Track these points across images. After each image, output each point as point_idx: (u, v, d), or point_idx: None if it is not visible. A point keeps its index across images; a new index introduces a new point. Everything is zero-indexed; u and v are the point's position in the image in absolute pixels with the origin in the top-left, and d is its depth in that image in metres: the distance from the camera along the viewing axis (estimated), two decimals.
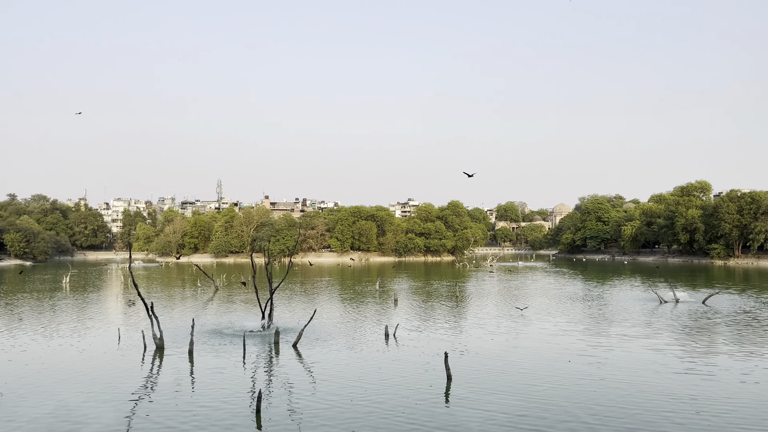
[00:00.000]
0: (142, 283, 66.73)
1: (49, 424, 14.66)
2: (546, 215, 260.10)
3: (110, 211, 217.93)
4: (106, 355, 23.89)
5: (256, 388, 18.12)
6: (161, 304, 41.98)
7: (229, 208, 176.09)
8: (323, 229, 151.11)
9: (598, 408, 15.88)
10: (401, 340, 26.45)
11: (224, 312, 38.58)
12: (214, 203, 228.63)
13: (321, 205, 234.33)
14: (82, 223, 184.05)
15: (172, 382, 19.24)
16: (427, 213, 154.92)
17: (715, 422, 14.62)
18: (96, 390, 18.03)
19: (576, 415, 15.29)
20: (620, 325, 31.28)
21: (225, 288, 58.69)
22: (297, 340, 25.32)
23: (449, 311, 38.47)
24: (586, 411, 15.61)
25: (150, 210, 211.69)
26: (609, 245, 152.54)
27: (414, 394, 17.31)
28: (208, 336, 27.65)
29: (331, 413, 15.53)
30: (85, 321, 34.49)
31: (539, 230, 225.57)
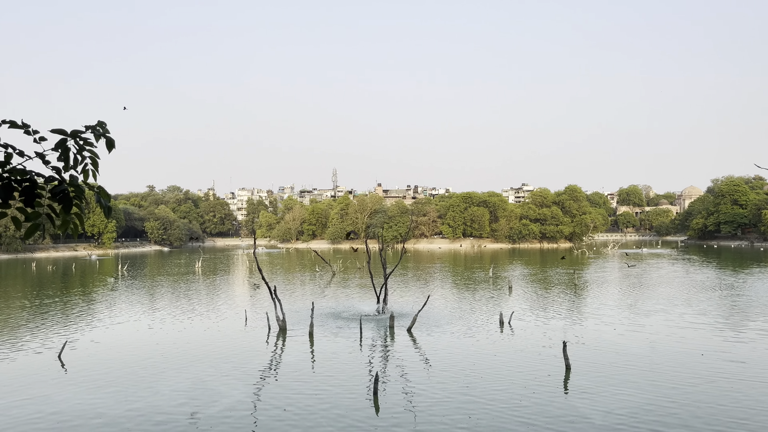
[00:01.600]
0: (265, 267, 70.70)
1: (188, 397, 16.02)
2: (673, 199, 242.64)
3: (235, 200, 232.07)
4: (235, 336, 25.64)
5: (372, 371, 18.63)
6: (283, 288, 44.23)
7: (344, 196, 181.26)
8: (435, 215, 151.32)
9: (734, 409, 14.69)
10: (516, 328, 25.99)
11: (341, 296, 39.94)
12: (330, 191, 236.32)
13: (432, 191, 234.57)
14: (211, 211, 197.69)
15: (295, 362, 20.27)
16: (542, 198, 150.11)
17: None
18: (227, 368, 19.42)
19: (708, 414, 14.26)
20: (760, 318, 28.64)
21: (341, 273, 60.67)
22: (411, 325, 25.68)
23: (566, 299, 37.19)
24: (721, 411, 14.50)
25: (271, 198, 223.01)
26: (747, 230, 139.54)
27: (531, 383, 16.98)
28: (327, 319, 28.79)
29: (447, 399, 15.63)
30: (216, 303, 37.20)
31: (666, 215, 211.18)
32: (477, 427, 13.36)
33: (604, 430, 13.10)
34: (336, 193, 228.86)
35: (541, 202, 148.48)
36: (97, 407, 15.07)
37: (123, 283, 51.42)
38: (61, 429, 13.49)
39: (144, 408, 15.00)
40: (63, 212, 3.33)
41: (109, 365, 19.82)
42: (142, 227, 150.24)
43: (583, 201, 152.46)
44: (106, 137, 3.49)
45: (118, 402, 15.53)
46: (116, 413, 14.58)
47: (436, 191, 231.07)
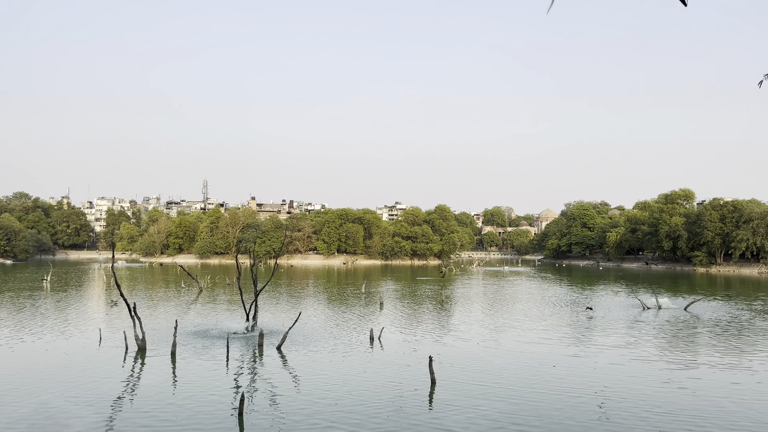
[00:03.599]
0: (125, 283, 66.08)
1: (30, 425, 14.43)
2: (532, 221, 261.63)
3: (94, 209, 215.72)
4: (87, 356, 23.59)
5: (239, 390, 17.98)
6: (144, 305, 41.57)
7: (215, 209, 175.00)
8: (310, 231, 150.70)
9: (580, 413, 15.95)
10: (386, 344, 26.41)
11: (208, 313, 38.29)
12: (200, 203, 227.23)
13: (308, 207, 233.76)
14: (64, 221, 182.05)
15: (154, 384, 19.03)
16: (414, 216, 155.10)
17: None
18: (77, 391, 17.79)
19: (559, 420, 15.35)
20: (603, 331, 31.49)
21: (209, 289, 58.27)
22: (281, 343, 25.18)
23: (433, 315, 38.50)
24: (567, 415, 15.67)
25: (134, 209, 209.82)
26: (594, 251, 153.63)
27: (398, 398, 17.28)
28: (192, 337, 27.41)
29: (314, 416, 15.44)
30: (66, 321, 34.05)
31: (525, 235, 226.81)
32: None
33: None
34: (206, 205, 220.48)
35: (412, 221, 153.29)
36: None
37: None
38: None
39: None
40: None
41: None
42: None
43: (451, 220, 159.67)
44: None
45: None
46: None
47: (312, 207, 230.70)
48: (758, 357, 24.33)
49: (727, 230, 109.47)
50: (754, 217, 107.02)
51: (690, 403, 17.00)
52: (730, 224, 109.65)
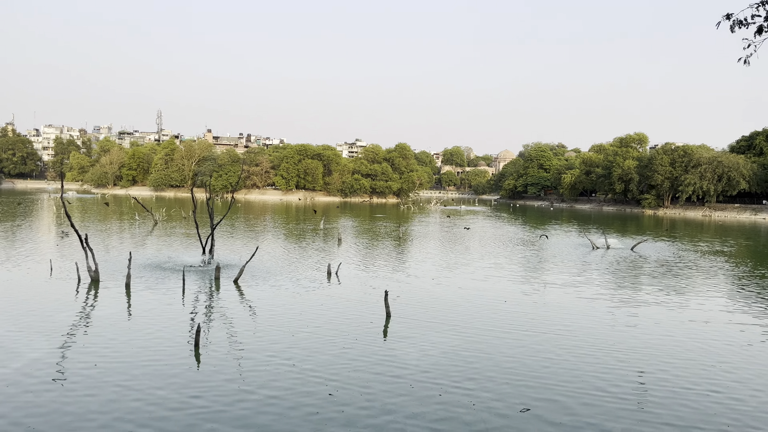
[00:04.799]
0: (76, 215, 64.40)
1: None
2: (490, 161, 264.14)
3: (41, 137, 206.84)
4: (38, 287, 23.18)
5: (195, 322, 18.07)
6: (97, 237, 40.75)
7: (170, 141, 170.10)
8: (268, 166, 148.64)
9: (524, 347, 16.69)
10: (343, 279, 26.77)
11: (163, 246, 37.87)
12: (154, 134, 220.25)
13: (266, 141, 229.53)
14: (9, 149, 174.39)
15: (108, 315, 18.91)
16: (374, 154, 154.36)
17: (631, 365, 15.67)
18: (28, 321, 17.55)
19: (508, 354, 16.05)
20: (554, 269, 32.63)
21: (164, 222, 57.40)
22: (238, 276, 25.22)
23: (391, 252, 39.06)
24: (515, 350, 16.39)
25: (84, 139, 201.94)
26: (549, 192, 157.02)
27: (354, 330, 17.69)
28: (147, 270, 27.17)
29: (272, 347, 15.71)
30: (15, 252, 33.18)
31: (483, 176, 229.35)
32: (301, 373, 13.64)
33: (419, 370, 14.12)
34: (161, 137, 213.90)
35: (372, 158, 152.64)
36: None
37: None
38: None
39: None
40: None
41: None
42: None
43: (411, 159, 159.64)
44: None
45: None
46: None
47: (270, 141, 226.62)
48: (703, 295, 25.70)
49: (677, 174, 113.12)
50: (702, 162, 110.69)
51: (636, 339, 17.96)
52: (680, 168, 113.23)
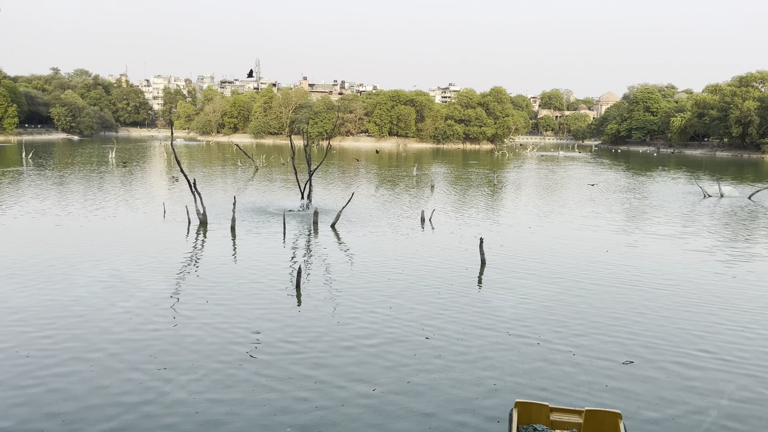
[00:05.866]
0: (184, 160, 68.19)
1: (105, 288, 15.66)
2: (592, 104, 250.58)
3: (151, 88, 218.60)
4: (153, 228, 24.98)
5: (295, 264, 18.82)
6: (203, 182, 43.07)
7: (268, 89, 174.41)
8: (361, 113, 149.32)
9: (626, 301, 16.06)
10: (437, 225, 26.78)
11: (264, 191, 39.45)
12: (253, 83, 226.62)
13: (360, 88, 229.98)
14: (124, 99, 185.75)
15: (216, 256, 20.12)
16: (468, 99, 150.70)
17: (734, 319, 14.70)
18: (145, 260, 19.03)
19: (606, 304, 15.53)
20: (660, 218, 30.90)
21: (264, 168, 59.61)
22: (335, 221, 25.89)
23: (485, 199, 38.50)
24: (616, 301, 15.82)
25: (190, 88, 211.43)
26: (655, 137, 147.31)
27: (449, 276, 17.75)
28: (249, 214, 28.49)
29: (368, 290, 16.12)
30: (132, 196, 35.83)
31: (583, 120, 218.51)
32: (398, 316, 13.93)
33: (513, 318, 14.02)
34: (259, 85, 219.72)
35: (466, 103, 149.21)
36: (7, 299, 14.49)
37: (29, 172, 48.28)
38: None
39: (60, 299, 14.56)
40: None
41: (18, 257, 18.92)
42: (47, 113, 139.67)
43: (507, 103, 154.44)
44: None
45: (29, 293, 14.99)
46: (29, 303, 14.09)
47: (364, 88, 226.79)
48: None
49: None
50: None
51: (747, 296, 16.81)
52: None
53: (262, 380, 10.36)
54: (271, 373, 10.68)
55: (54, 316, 13.39)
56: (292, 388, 10.06)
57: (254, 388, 10.06)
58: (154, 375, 10.45)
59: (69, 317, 13.37)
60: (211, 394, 9.78)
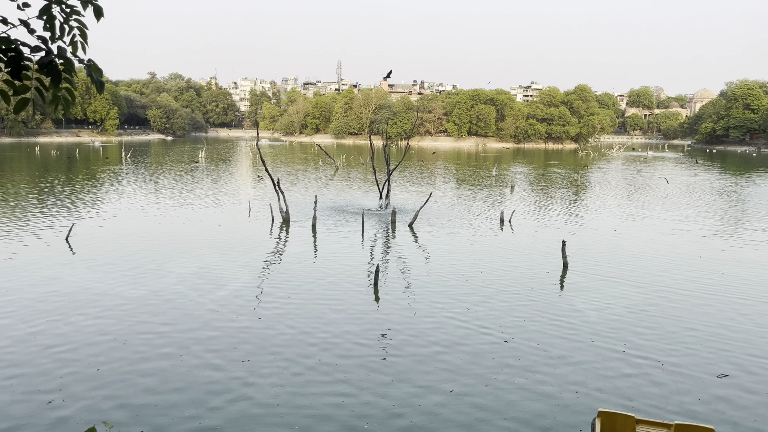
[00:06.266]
0: (268, 160, 70.51)
1: (198, 277, 16.46)
2: (684, 102, 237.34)
3: (238, 90, 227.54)
4: (239, 225, 26.00)
5: (373, 263, 19.03)
6: (286, 181, 44.35)
7: (349, 90, 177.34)
8: (440, 112, 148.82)
9: (719, 310, 15.10)
10: (516, 227, 26.26)
11: (344, 191, 40.12)
12: (334, 84, 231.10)
13: (439, 87, 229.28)
14: (213, 101, 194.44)
15: (298, 253, 20.68)
16: (550, 97, 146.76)
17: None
18: (232, 255, 19.84)
19: (697, 313, 14.68)
20: (760, 224, 28.85)
21: (344, 168, 60.61)
22: (413, 221, 25.95)
23: (568, 200, 37.35)
24: (708, 310, 14.92)
25: (274, 90, 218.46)
26: (756, 136, 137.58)
27: (529, 279, 17.37)
28: (329, 212, 29.07)
29: (445, 290, 16.05)
30: (220, 193, 37.45)
31: (675, 118, 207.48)
32: (475, 318, 13.79)
33: (597, 324, 13.53)
34: (340, 86, 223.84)
35: (549, 102, 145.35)
36: (108, 290, 15.53)
37: (127, 170, 51.54)
38: (74, 308, 13.95)
39: (155, 288, 15.45)
40: (52, 86, 3.15)
41: (115, 250, 20.24)
42: (144, 115, 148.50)
43: (592, 101, 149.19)
44: (94, 5, 3.23)
45: (127, 284, 15.99)
46: (127, 294, 15.04)
47: (443, 87, 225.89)
48: None
49: None
50: None
51: None
52: None
53: (340, 376, 10.54)
54: (348, 372, 10.84)
55: (149, 306, 14.20)
56: (370, 386, 10.17)
57: (332, 384, 10.26)
58: (237, 366, 10.87)
59: (162, 308, 14.15)
60: (292, 388, 10.06)
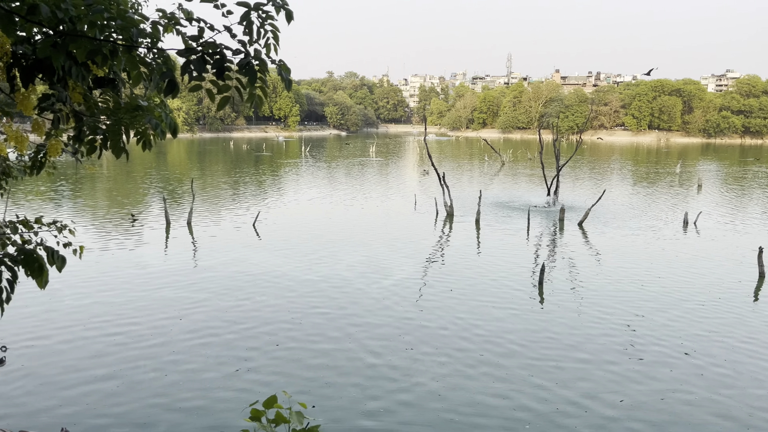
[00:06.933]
0: (434, 155, 71.54)
1: (363, 269, 17.25)
2: None
3: (408, 86, 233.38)
4: (405, 218, 26.73)
5: (539, 260, 18.45)
6: (451, 175, 44.63)
7: (518, 83, 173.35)
8: (617, 105, 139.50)
9: None
10: (703, 230, 23.80)
11: (509, 186, 39.39)
12: (503, 78, 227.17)
13: (617, 78, 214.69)
14: (384, 98, 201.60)
15: (461, 247, 20.73)
16: (750, 87, 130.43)
17: None
18: (397, 246, 20.47)
19: None
20: None
21: (511, 163, 59.44)
22: (583, 219, 24.70)
23: (766, 202, 33.00)
24: None
25: (443, 85, 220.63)
26: None
27: (716, 288, 15.67)
28: (494, 208, 28.73)
29: (617, 295, 15.06)
30: (387, 186, 38.84)
31: None
32: (650, 327, 12.77)
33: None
34: (509, 80, 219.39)
35: (747, 92, 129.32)
36: (287, 272, 16.89)
37: (306, 163, 55.51)
38: (256, 288, 15.38)
39: (327, 274, 16.49)
40: (249, 85, 3.49)
41: (294, 236, 21.92)
42: (321, 112, 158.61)
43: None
44: (286, 9, 3.52)
45: (302, 268, 17.24)
46: (303, 277, 16.23)
47: (621, 78, 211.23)
48: None
49: None
50: None
51: None
52: None
53: (501, 374, 10.38)
54: (509, 371, 10.65)
55: (321, 291, 15.18)
56: (531, 388, 9.90)
57: (494, 381, 10.14)
58: (400, 355, 11.19)
59: (333, 294, 15.04)
60: (452, 380, 10.13)
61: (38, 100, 3.84)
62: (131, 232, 21.96)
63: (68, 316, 12.67)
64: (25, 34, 3.64)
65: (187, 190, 30.55)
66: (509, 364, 10.83)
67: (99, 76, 3.93)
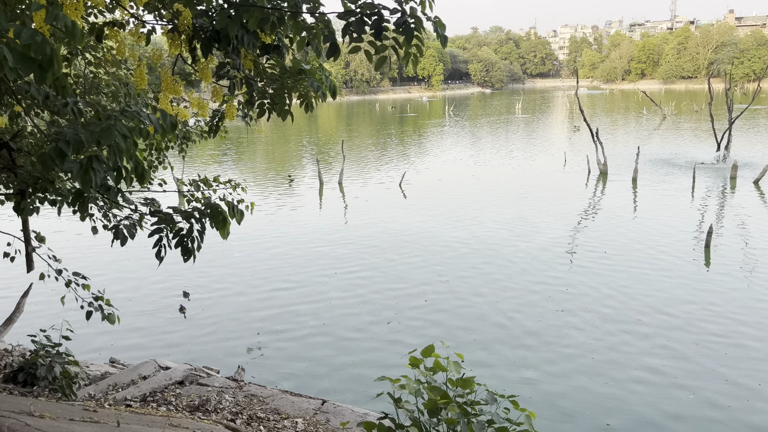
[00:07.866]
0: (586, 109, 67.56)
1: (511, 228, 16.97)
2: None
3: (557, 38, 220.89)
4: (554, 177, 25.73)
5: (705, 222, 16.93)
6: (605, 131, 41.97)
7: (684, 28, 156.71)
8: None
9: None
10: None
11: (671, 142, 36.22)
12: (666, 23, 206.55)
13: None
14: (531, 51, 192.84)
15: (615, 207, 19.59)
16: None
17: None
18: (546, 206, 19.84)
19: None
20: None
21: (673, 116, 54.46)
22: (760, 177, 22.13)
23: None
24: None
25: (596, 35, 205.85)
26: None
27: None
28: (653, 165, 26.68)
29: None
30: (535, 144, 37.54)
31: None
32: None
33: None
34: (674, 24, 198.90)
35: None
36: (434, 231, 17.14)
37: (450, 123, 55.22)
38: (405, 245, 15.79)
39: (474, 234, 16.49)
40: (405, 43, 3.54)
41: (439, 196, 22.10)
42: (465, 69, 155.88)
43: None
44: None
45: (448, 227, 17.39)
46: (448, 237, 16.39)
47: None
48: None
49: None
50: None
51: None
52: None
53: (661, 341, 9.80)
54: (672, 340, 10.00)
55: (469, 249, 15.22)
56: (702, 359, 9.24)
57: (653, 349, 9.61)
58: (560, 316, 10.96)
59: (482, 252, 15.01)
60: (605, 342, 9.74)
61: (216, 68, 4.23)
62: (288, 192, 23.52)
63: (239, 269, 13.99)
64: (204, 7, 4.00)
65: (338, 152, 31.91)
66: (672, 335, 10.13)
67: (266, 43, 4.22)
